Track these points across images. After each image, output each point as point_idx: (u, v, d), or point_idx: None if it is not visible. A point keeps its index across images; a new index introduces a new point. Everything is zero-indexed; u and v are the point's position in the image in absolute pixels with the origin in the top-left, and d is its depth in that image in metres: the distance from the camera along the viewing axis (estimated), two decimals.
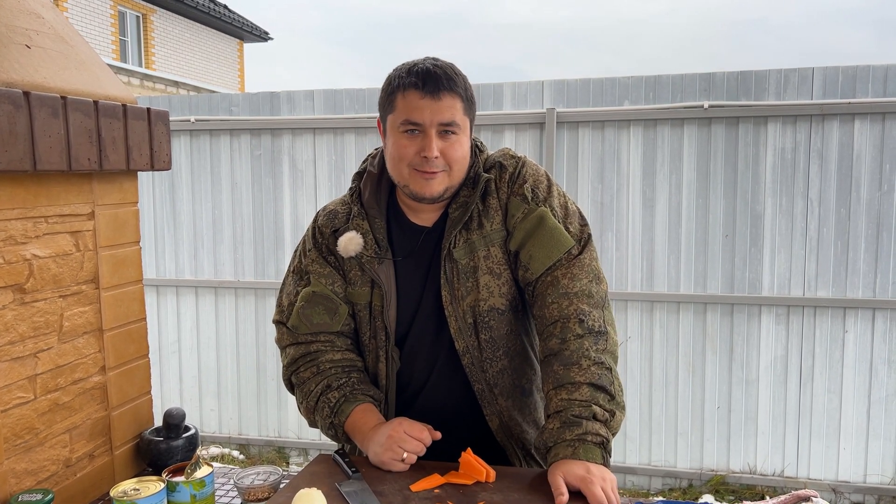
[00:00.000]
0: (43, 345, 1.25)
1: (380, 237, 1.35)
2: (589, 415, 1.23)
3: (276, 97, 3.94)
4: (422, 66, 1.27)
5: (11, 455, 1.18)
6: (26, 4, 1.36)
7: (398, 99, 1.27)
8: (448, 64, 1.30)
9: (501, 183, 1.35)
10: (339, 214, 1.40)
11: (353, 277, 1.37)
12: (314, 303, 1.37)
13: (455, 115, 1.26)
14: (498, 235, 1.33)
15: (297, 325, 1.39)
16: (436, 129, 1.26)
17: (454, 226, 1.32)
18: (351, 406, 1.34)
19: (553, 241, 1.30)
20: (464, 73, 1.31)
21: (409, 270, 1.36)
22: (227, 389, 4.17)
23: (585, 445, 1.20)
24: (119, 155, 1.34)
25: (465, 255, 1.32)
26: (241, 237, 4.03)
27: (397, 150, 1.28)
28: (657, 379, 3.62)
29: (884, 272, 3.34)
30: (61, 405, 1.30)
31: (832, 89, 3.32)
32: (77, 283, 1.33)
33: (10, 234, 1.18)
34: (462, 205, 1.33)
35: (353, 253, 1.34)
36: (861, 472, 3.45)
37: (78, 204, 1.32)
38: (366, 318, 1.38)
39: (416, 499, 1.20)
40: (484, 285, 1.33)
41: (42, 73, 1.24)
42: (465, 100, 1.29)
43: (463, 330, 1.33)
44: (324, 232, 1.40)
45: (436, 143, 1.25)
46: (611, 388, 1.25)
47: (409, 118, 1.25)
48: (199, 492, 1.18)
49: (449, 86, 1.25)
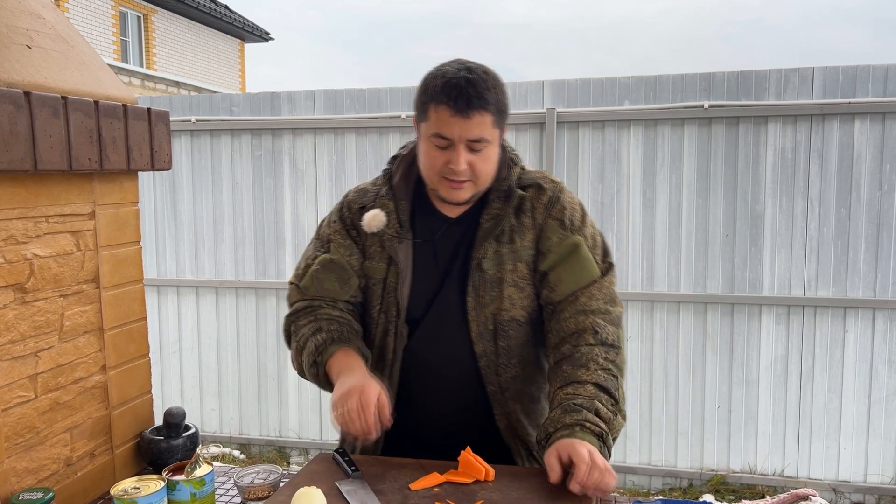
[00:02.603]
0: (44, 344, 1.26)
1: (403, 218, 1.41)
2: (591, 407, 1.27)
3: (277, 97, 3.95)
4: (455, 79, 1.28)
5: (12, 454, 1.19)
6: (27, 5, 1.36)
7: (431, 111, 1.30)
8: (481, 77, 1.30)
9: (538, 203, 1.40)
10: (369, 193, 1.47)
11: (372, 252, 1.43)
12: (329, 269, 1.44)
13: (483, 131, 1.29)
14: (527, 253, 1.39)
15: (307, 286, 1.45)
16: (464, 143, 1.30)
17: (485, 237, 1.38)
18: (336, 347, 1.37)
19: (583, 269, 1.38)
20: (498, 80, 1.33)
21: (427, 255, 1.42)
22: (227, 389, 4.18)
23: (584, 431, 1.24)
24: (119, 155, 1.35)
25: (493, 266, 1.38)
26: (242, 237, 4.04)
27: (428, 158, 1.34)
28: (657, 379, 3.62)
29: (884, 272, 3.34)
30: (62, 404, 1.30)
31: (832, 89, 3.32)
32: (78, 282, 1.33)
33: (11, 234, 1.19)
34: (494, 217, 1.39)
35: (376, 229, 1.41)
36: (861, 471, 3.45)
37: (78, 204, 1.33)
38: (378, 293, 1.43)
39: (415, 497, 1.20)
40: (507, 297, 1.39)
41: (43, 73, 1.25)
42: (497, 112, 1.31)
43: (483, 335, 1.39)
44: (352, 207, 1.47)
45: (463, 156, 1.30)
46: (615, 393, 1.31)
47: (439, 132, 1.30)
48: (199, 490, 1.18)
49: (479, 104, 1.27)
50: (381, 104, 3.81)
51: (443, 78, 1.30)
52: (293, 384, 4.06)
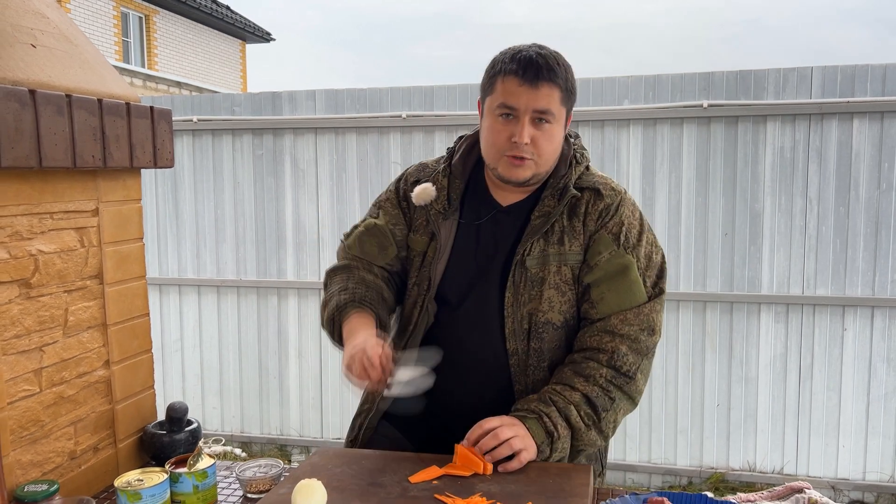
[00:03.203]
0: (48, 339, 1.27)
1: (454, 196, 1.41)
2: (563, 409, 1.29)
3: (278, 97, 3.97)
4: (526, 53, 1.29)
5: (17, 447, 1.20)
6: (31, 4, 1.38)
7: (498, 83, 1.30)
8: (552, 53, 1.30)
9: (593, 210, 1.36)
10: (428, 168, 1.49)
11: (417, 225, 1.45)
12: (371, 234, 1.47)
13: (551, 103, 1.28)
14: (574, 258, 1.36)
15: (351, 245, 1.50)
16: (530, 115, 1.28)
17: (533, 233, 1.35)
18: (354, 308, 1.38)
19: (629, 293, 1.33)
20: (569, 64, 1.33)
21: (469, 237, 1.41)
22: (229, 387, 4.20)
23: (538, 422, 1.27)
24: (123, 152, 1.37)
25: (537, 264, 1.35)
26: (244, 236, 4.06)
27: (491, 133, 1.33)
28: (657, 377, 3.63)
29: (882, 270, 3.35)
30: (66, 398, 1.32)
31: (831, 88, 3.34)
32: (82, 278, 1.35)
33: (17, 230, 1.20)
34: (544, 214, 1.36)
35: (423, 202, 1.42)
36: (860, 469, 3.47)
37: (82, 200, 1.35)
38: (416, 265, 1.44)
39: (414, 489, 1.22)
40: (547, 298, 1.35)
41: (47, 71, 1.26)
42: (565, 90, 1.30)
43: (517, 333, 1.37)
44: (408, 179, 1.49)
45: (528, 129, 1.28)
46: (600, 412, 1.30)
47: (505, 102, 1.28)
48: (201, 483, 1.20)
49: (549, 76, 1.27)
50: (381, 104, 3.82)
51: (513, 53, 1.30)
52: (294, 382, 4.08)
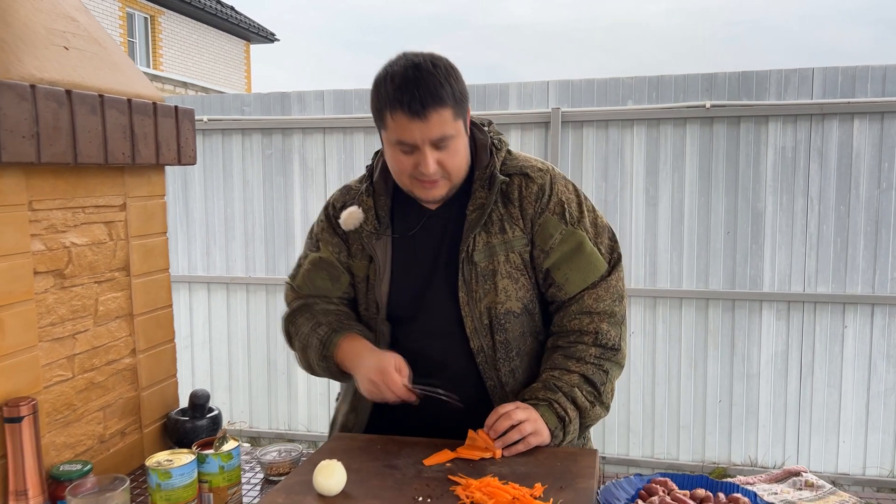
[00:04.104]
0: (80, 327, 1.34)
1: (382, 214, 1.39)
2: (569, 393, 1.33)
3: (287, 97, 4.03)
4: (403, 79, 1.23)
5: (52, 429, 1.27)
6: (62, 8, 1.44)
7: (388, 118, 1.26)
8: (430, 72, 1.24)
9: (527, 193, 1.36)
10: (352, 190, 1.46)
11: (355, 250, 1.42)
12: (319, 268, 1.44)
13: (445, 128, 1.25)
14: (519, 243, 1.36)
15: (301, 285, 1.47)
16: (428, 145, 1.25)
17: (472, 227, 1.34)
18: (339, 336, 1.37)
19: (589, 267, 1.37)
20: (448, 68, 1.26)
21: (407, 250, 1.40)
22: (238, 383, 4.26)
23: (550, 409, 1.31)
24: (149, 150, 1.43)
25: (485, 258, 1.35)
26: (253, 234, 4.12)
27: (396, 164, 1.31)
28: (660, 373, 3.69)
29: (882, 268, 3.40)
30: (96, 384, 1.38)
31: (832, 89, 3.39)
32: (110, 269, 1.42)
33: (52, 223, 1.27)
34: (479, 206, 1.35)
35: (352, 227, 1.39)
36: (860, 464, 3.52)
37: (111, 196, 1.41)
38: (363, 290, 1.43)
39: (429, 471, 1.27)
40: (502, 289, 1.36)
41: (79, 72, 1.33)
42: (455, 104, 1.26)
43: (479, 330, 1.37)
44: (336, 205, 1.46)
45: (431, 157, 1.26)
46: (599, 386, 1.35)
47: (400, 139, 1.26)
48: (226, 463, 1.26)
49: (434, 102, 1.22)
50: None
51: (392, 82, 1.24)
52: (302, 378, 4.15)
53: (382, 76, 1.27)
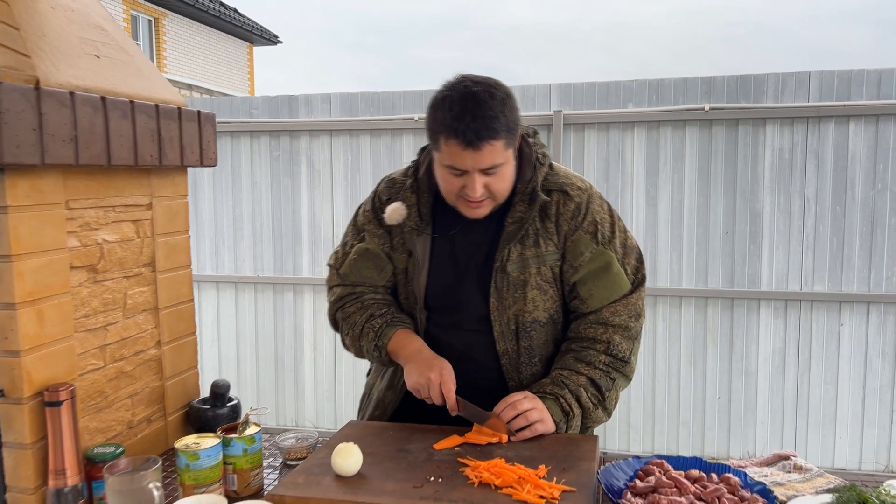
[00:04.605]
0: (111, 319, 1.42)
1: (424, 211, 1.46)
2: (574, 391, 1.41)
3: (295, 100, 4.12)
4: (461, 110, 1.26)
5: (85, 414, 1.35)
6: (92, 18, 1.53)
7: (441, 142, 1.31)
8: (487, 100, 1.27)
9: (564, 210, 1.43)
10: (397, 184, 1.53)
11: (396, 243, 1.51)
12: (366, 258, 1.52)
13: (495, 158, 1.30)
14: (551, 258, 1.44)
15: (347, 273, 1.55)
16: (478, 172, 1.31)
17: (509, 240, 1.41)
18: (392, 330, 1.47)
19: (614, 286, 1.44)
20: (505, 97, 1.30)
21: (445, 248, 1.48)
22: (246, 380, 4.34)
23: (556, 403, 1.39)
24: (175, 152, 1.51)
25: (517, 268, 1.42)
26: (261, 234, 4.21)
27: (445, 183, 1.38)
28: (660, 370, 3.77)
29: (878, 267, 3.47)
30: (125, 373, 1.46)
31: (828, 92, 3.47)
32: (138, 265, 1.50)
33: (86, 221, 1.35)
34: (518, 220, 1.42)
35: (395, 222, 1.47)
36: (856, 459, 3.59)
37: (139, 195, 1.49)
38: (402, 281, 1.53)
39: (439, 455, 1.36)
40: (531, 299, 1.44)
41: (110, 80, 1.41)
42: (507, 134, 1.30)
43: (506, 334, 1.45)
44: (381, 198, 1.54)
45: (479, 182, 1.32)
46: (604, 391, 1.44)
47: (452, 164, 1.32)
48: (249, 447, 1.34)
49: (488, 134, 1.26)
50: (394, 107, 3.97)
51: (449, 110, 1.27)
52: (309, 375, 4.23)
53: (441, 100, 1.31)
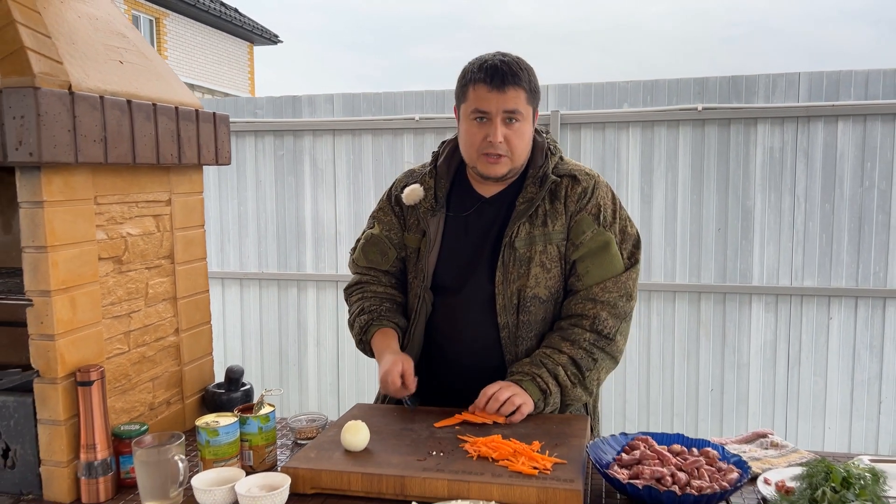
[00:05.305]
0: (134, 307, 1.52)
1: (440, 194, 1.61)
2: (552, 369, 1.50)
3: (298, 100, 4.22)
4: (491, 61, 1.47)
5: (112, 395, 1.45)
6: (114, 26, 1.63)
7: (470, 91, 1.48)
8: (515, 59, 1.49)
9: (572, 193, 1.54)
10: (416, 173, 1.69)
11: (411, 224, 1.65)
12: (371, 243, 1.69)
13: (518, 104, 1.46)
14: (557, 236, 1.55)
15: (357, 258, 1.73)
16: (501, 116, 1.47)
17: (519, 217, 1.52)
18: (375, 328, 1.62)
19: (610, 265, 1.54)
20: (530, 67, 1.51)
21: (458, 229, 1.60)
22: (250, 374, 4.44)
23: (532, 383, 1.49)
24: (193, 152, 1.61)
25: (525, 245, 1.53)
26: (265, 232, 4.31)
27: (468, 136, 1.52)
28: (654, 363, 3.87)
29: (865, 263, 3.58)
30: (147, 358, 1.57)
31: (817, 92, 3.57)
32: (158, 257, 1.60)
33: (112, 216, 1.45)
34: (528, 200, 1.53)
35: (412, 202, 1.62)
36: (845, 449, 3.69)
37: (159, 192, 1.59)
38: (413, 261, 1.65)
39: (440, 432, 1.46)
40: (533, 275, 1.54)
41: (134, 84, 1.51)
42: (529, 91, 1.48)
43: (507, 308, 1.55)
44: (398, 185, 1.69)
45: (500, 129, 1.46)
46: (584, 371, 1.52)
47: (478, 107, 1.47)
48: (264, 425, 1.44)
49: (513, 80, 1.45)
50: (396, 107, 4.07)
51: (479, 62, 1.48)
52: (313, 370, 4.33)
53: (473, 62, 1.51)
